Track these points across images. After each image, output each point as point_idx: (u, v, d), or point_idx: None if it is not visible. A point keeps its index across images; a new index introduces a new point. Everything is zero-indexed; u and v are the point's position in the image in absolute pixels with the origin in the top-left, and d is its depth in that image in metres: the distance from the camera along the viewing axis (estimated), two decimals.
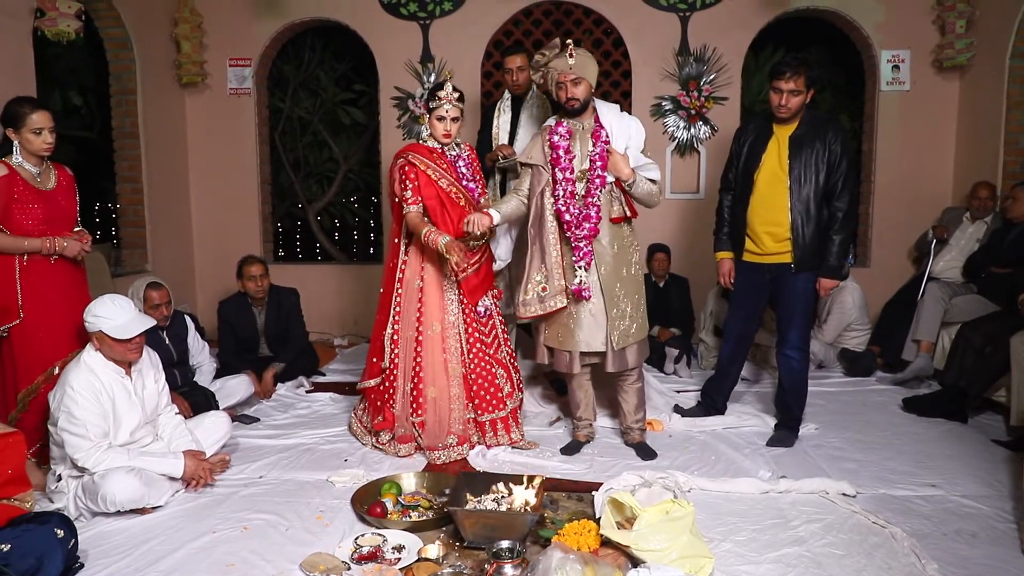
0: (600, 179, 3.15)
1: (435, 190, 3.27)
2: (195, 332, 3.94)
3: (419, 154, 3.30)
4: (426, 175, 3.27)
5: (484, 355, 3.37)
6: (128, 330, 2.76)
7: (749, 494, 2.88)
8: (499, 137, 4.07)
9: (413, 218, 3.28)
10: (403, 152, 3.35)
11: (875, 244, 5.56)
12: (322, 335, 5.65)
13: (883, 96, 5.41)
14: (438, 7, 5.54)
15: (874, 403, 4.09)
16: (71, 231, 3.16)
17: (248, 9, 5.67)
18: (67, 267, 3.15)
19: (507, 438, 3.40)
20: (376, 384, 3.43)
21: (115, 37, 5.17)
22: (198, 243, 6.00)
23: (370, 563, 2.32)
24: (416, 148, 3.34)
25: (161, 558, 2.41)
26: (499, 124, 4.08)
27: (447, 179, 3.30)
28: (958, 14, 5.07)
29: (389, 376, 3.39)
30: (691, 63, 5.39)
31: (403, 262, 3.43)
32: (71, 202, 3.19)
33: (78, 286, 3.21)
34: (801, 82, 3.25)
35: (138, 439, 2.87)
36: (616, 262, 3.21)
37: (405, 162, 3.30)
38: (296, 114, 6.71)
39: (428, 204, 3.28)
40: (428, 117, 3.33)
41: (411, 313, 3.37)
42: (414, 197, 3.27)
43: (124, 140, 5.33)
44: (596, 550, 2.30)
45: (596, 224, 3.14)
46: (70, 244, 3.09)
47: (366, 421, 3.54)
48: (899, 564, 2.35)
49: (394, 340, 3.38)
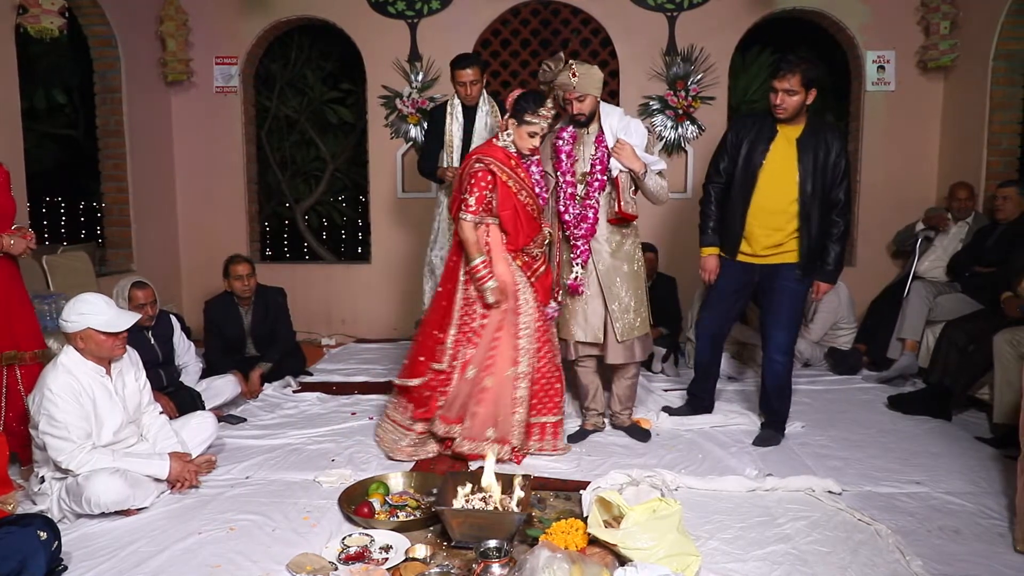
0: (600, 182, 3.29)
1: (513, 203, 3.15)
2: (181, 332, 3.91)
3: (501, 163, 3.14)
4: (506, 187, 3.13)
5: (551, 357, 3.32)
6: (117, 324, 2.75)
7: (736, 492, 2.89)
8: (453, 145, 4.07)
9: (469, 232, 3.12)
10: (484, 156, 3.14)
11: (860, 243, 5.60)
12: (309, 335, 5.63)
13: (868, 96, 5.45)
14: (426, 6, 5.53)
15: (860, 401, 4.12)
16: (9, 229, 3.09)
17: (234, 7, 5.63)
18: (10, 265, 3.10)
19: (552, 443, 3.32)
20: (420, 384, 3.25)
21: (99, 34, 5.13)
22: (184, 242, 5.96)
23: (357, 563, 2.31)
24: (495, 153, 3.16)
25: (146, 560, 2.39)
26: (452, 131, 4.07)
27: (526, 191, 3.20)
28: (942, 15, 5.12)
29: (440, 376, 3.22)
30: (678, 63, 5.41)
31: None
32: (9, 199, 3.14)
33: (18, 284, 3.15)
34: (796, 81, 3.17)
35: (122, 439, 2.84)
36: (614, 259, 3.34)
37: (485, 168, 3.12)
38: (283, 113, 6.68)
39: (504, 216, 3.15)
40: (516, 125, 3.13)
41: (478, 312, 3.20)
42: (476, 207, 3.10)
43: (109, 139, 5.29)
44: (583, 549, 2.31)
45: (593, 224, 3.30)
46: (16, 242, 3.05)
47: (404, 419, 3.34)
48: (884, 561, 2.37)
49: (457, 340, 3.21)
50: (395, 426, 3.36)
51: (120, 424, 2.82)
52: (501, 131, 3.22)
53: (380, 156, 5.74)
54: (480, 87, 4.01)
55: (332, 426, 3.72)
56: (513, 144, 3.18)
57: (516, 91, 3.23)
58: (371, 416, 3.87)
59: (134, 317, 2.86)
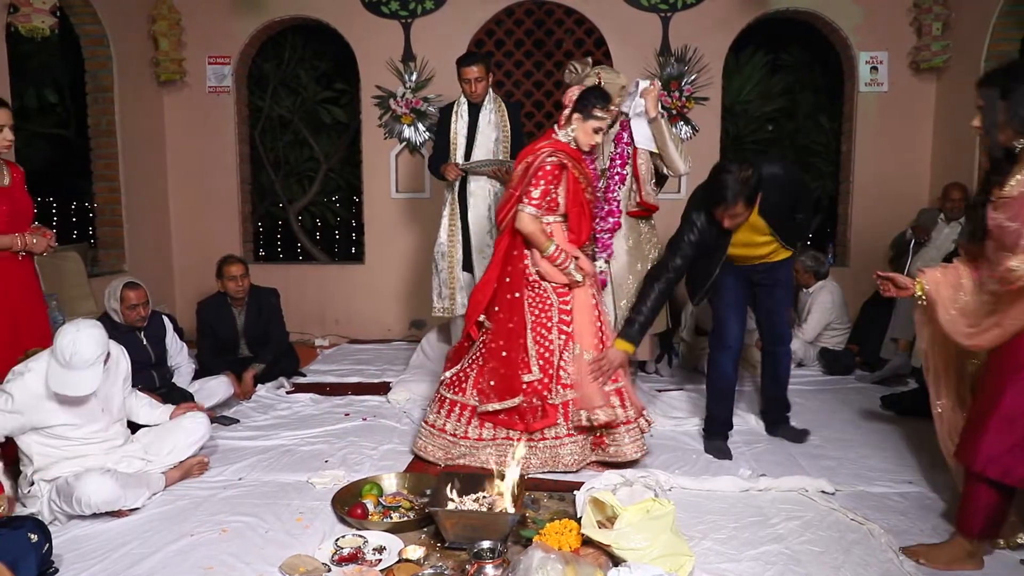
0: (620, 176, 3.41)
1: (580, 199, 3.12)
2: (173, 333, 3.90)
3: (573, 157, 3.08)
4: (576, 182, 3.09)
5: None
6: (60, 383, 2.57)
7: (729, 492, 2.89)
8: (457, 143, 4.08)
9: (532, 223, 3.02)
10: (557, 149, 3.05)
11: (853, 244, 5.62)
12: (303, 335, 5.61)
13: (861, 97, 5.47)
14: (420, 6, 5.52)
15: (853, 401, 4.13)
16: (29, 227, 3.11)
17: (227, 6, 5.62)
18: (30, 264, 3.13)
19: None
20: (520, 402, 3.07)
21: (91, 34, 5.10)
22: (177, 243, 5.94)
23: (350, 564, 2.31)
24: (566, 148, 3.08)
25: (138, 562, 2.38)
26: (456, 130, 4.09)
27: (591, 188, 3.19)
28: (934, 16, 5.14)
29: (534, 386, 3.09)
30: (672, 63, 5.41)
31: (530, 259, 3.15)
32: (27, 198, 3.16)
33: (36, 283, 3.19)
34: (741, 207, 2.91)
35: (109, 439, 2.82)
36: (631, 257, 3.40)
37: (558, 162, 3.03)
38: (276, 113, 6.66)
39: (571, 212, 3.11)
40: (582, 120, 3.04)
41: (549, 312, 3.12)
42: (540, 200, 3.02)
43: (101, 138, 5.27)
44: (577, 549, 2.31)
45: (619, 219, 3.42)
46: (38, 240, 3.07)
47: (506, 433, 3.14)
48: (876, 560, 2.38)
49: (538, 342, 3.11)
50: (495, 442, 3.15)
51: (102, 427, 2.80)
52: (560, 127, 3.12)
53: (374, 156, 5.73)
54: (486, 84, 4.02)
55: (325, 427, 3.71)
56: (575, 140, 3.10)
57: (575, 88, 3.20)
58: (364, 417, 3.86)
59: (77, 390, 2.60)
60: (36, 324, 3.12)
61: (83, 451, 2.73)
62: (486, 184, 4.10)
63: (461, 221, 4.17)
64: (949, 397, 2.57)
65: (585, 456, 3.14)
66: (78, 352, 2.56)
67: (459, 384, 3.23)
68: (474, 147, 4.04)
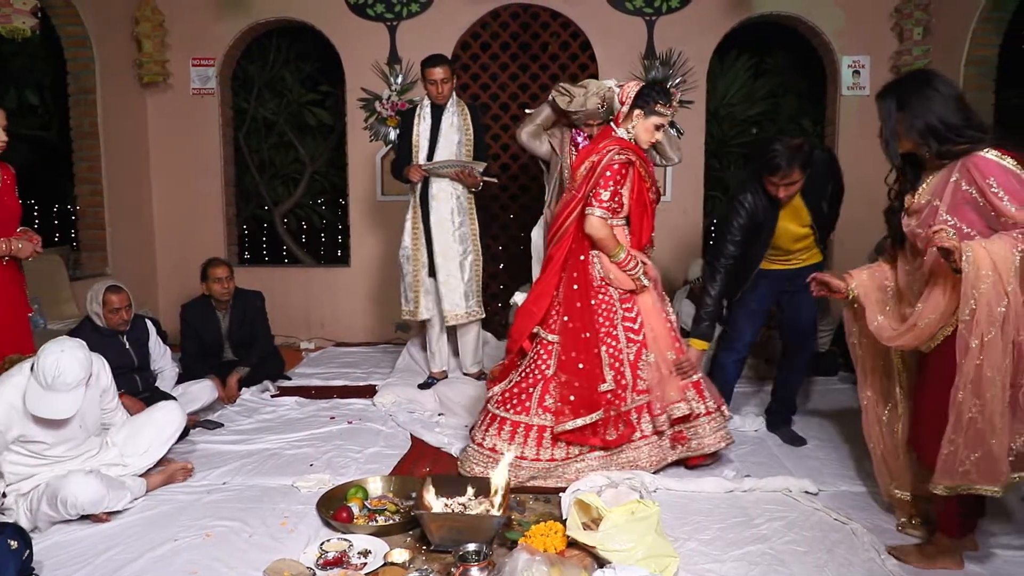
0: None
1: (645, 198, 3.06)
2: (156, 337, 3.87)
3: (638, 155, 3.00)
4: (642, 181, 3.02)
5: None
6: (39, 406, 2.51)
7: (714, 493, 2.91)
8: (419, 145, 4.07)
9: (603, 227, 2.94)
10: (624, 147, 2.97)
11: (837, 246, 5.66)
12: (288, 339, 5.58)
13: (844, 100, 5.52)
14: (405, 8, 5.52)
15: (837, 402, 4.16)
16: (15, 231, 3.07)
17: (211, 8, 5.59)
18: (13, 269, 3.08)
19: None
20: (600, 417, 2.96)
21: (73, 35, 5.06)
22: (160, 246, 5.89)
23: (336, 568, 2.30)
24: (630, 145, 2.99)
25: (121, 567, 2.36)
26: (419, 132, 4.08)
27: (654, 188, 3.11)
28: (915, 21, 5.20)
29: (607, 397, 2.99)
30: (657, 67, 5.44)
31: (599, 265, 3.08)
32: (15, 201, 3.11)
33: (21, 287, 3.14)
34: (797, 173, 3.04)
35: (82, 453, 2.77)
36: None
37: (625, 161, 2.95)
38: (261, 115, 6.62)
39: (634, 212, 3.05)
40: (644, 117, 2.97)
41: (615, 319, 3.04)
42: (609, 202, 2.94)
43: (83, 140, 5.22)
44: (562, 551, 2.31)
45: None
46: (24, 245, 3.03)
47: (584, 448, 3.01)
48: (859, 559, 2.40)
49: (610, 353, 3.01)
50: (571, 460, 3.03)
51: (79, 441, 2.75)
52: (618, 124, 3.05)
53: (359, 159, 5.72)
54: (451, 86, 4.02)
55: (311, 431, 3.70)
56: (635, 138, 3.01)
57: (632, 83, 3.09)
58: (350, 420, 3.85)
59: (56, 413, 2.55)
60: (17, 331, 3.07)
61: (58, 468, 2.68)
62: (448, 186, 4.07)
63: (423, 224, 4.13)
64: (874, 390, 2.62)
65: (664, 456, 3.08)
66: (61, 374, 2.50)
67: (516, 402, 3.04)
68: (436, 149, 4.02)
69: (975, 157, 2.14)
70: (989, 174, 2.10)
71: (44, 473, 2.66)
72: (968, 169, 2.14)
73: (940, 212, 2.19)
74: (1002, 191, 2.07)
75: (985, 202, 2.11)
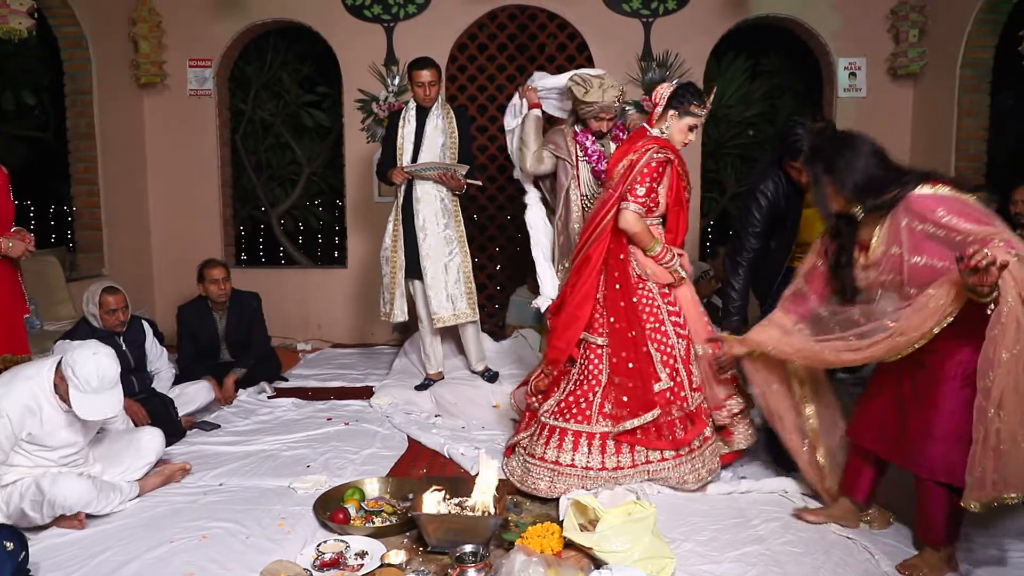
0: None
1: (681, 196, 3.05)
2: (153, 338, 3.86)
3: (676, 155, 2.99)
4: (680, 179, 3.02)
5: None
6: (93, 410, 2.57)
7: (710, 495, 2.92)
8: (404, 148, 4.06)
9: (638, 222, 2.92)
10: (663, 146, 2.95)
11: None
12: (285, 340, 5.58)
13: (840, 102, 5.53)
14: (402, 10, 5.52)
15: None
16: (8, 231, 3.07)
17: (209, 9, 5.58)
18: (8, 268, 3.08)
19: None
20: (655, 417, 2.90)
21: (70, 36, 5.05)
22: (157, 247, 5.89)
23: (332, 570, 2.30)
24: (668, 144, 2.98)
25: (117, 569, 2.36)
26: (404, 134, 4.06)
27: (690, 187, 3.13)
28: (911, 24, 5.22)
29: (666, 396, 2.94)
30: (654, 68, 5.45)
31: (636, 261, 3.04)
32: (8, 202, 3.11)
33: (16, 286, 3.14)
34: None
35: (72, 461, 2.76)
36: None
37: (664, 159, 2.94)
38: (258, 116, 6.62)
39: (671, 210, 3.04)
40: (678, 117, 2.97)
41: (660, 315, 3.00)
42: (645, 198, 2.92)
43: (79, 141, 5.22)
44: (559, 552, 2.32)
45: None
46: (15, 244, 3.02)
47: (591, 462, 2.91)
48: (855, 561, 2.40)
49: (661, 350, 2.96)
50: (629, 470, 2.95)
51: (76, 449, 2.75)
52: (652, 124, 3.02)
53: (356, 160, 5.72)
54: (438, 89, 4.02)
55: (307, 432, 3.69)
56: (670, 138, 3.00)
57: (666, 85, 3.04)
58: (347, 422, 3.85)
59: (109, 411, 2.63)
60: (9, 330, 3.06)
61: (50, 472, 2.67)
62: (432, 189, 4.05)
63: (404, 226, 4.10)
64: (784, 405, 2.81)
65: (715, 465, 3.03)
66: (105, 375, 2.56)
67: (576, 410, 2.96)
68: (421, 151, 4.01)
69: (912, 198, 2.22)
70: (934, 207, 2.17)
71: (32, 472, 2.64)
72: (911, 210, 2.21)
73: (906, 258, 2.22)
74: (952, 217, 2.14)
75: (944, 231, 2.15)
